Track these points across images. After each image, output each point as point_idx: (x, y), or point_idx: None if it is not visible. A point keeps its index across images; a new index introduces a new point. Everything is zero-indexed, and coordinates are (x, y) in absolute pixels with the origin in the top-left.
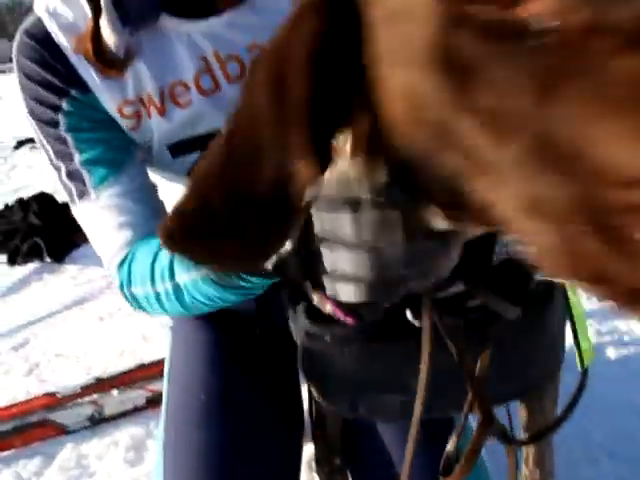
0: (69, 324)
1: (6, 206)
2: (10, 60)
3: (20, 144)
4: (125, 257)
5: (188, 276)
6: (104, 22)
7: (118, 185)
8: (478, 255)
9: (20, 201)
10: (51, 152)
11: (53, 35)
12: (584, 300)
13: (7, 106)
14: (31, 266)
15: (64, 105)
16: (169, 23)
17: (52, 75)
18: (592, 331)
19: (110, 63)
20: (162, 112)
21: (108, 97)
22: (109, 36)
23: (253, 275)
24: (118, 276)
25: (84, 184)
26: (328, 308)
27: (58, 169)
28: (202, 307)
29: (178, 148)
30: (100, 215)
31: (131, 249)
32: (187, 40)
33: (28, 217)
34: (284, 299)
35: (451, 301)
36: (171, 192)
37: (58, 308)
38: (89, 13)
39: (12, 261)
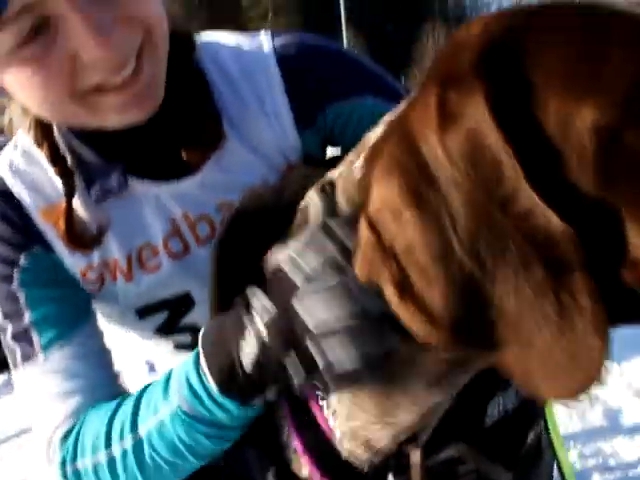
0: None
1: None
2: None
3: None
4: (72, 427)
5: (155, 419)
6: (76, 199)
7: (70, 347)
8: (471, 418)
9: None
10: None
11: (16, 192)
12: (567, 421)
13: None
14: (1, 378)
15: (22, 260)
16: (137, 186)
17: (13, 229)
18: (575, 455)
19: (82, 243)
20: (129, 278)
21: (71, 261)
22: (81, 212)
23: (234, 401)
24: (60, 451)
25: (32, 345)
26: (305, 473)
27: (4, 330)
28: (164, 470)
29: (146, 310)
30: (46, 380)
31: (79, 418)
32: (155, 203)
33: None
34: (251, 460)
35: (441, 467)
36: (133, 350)
37: (27, 426)
38: (54, 177)
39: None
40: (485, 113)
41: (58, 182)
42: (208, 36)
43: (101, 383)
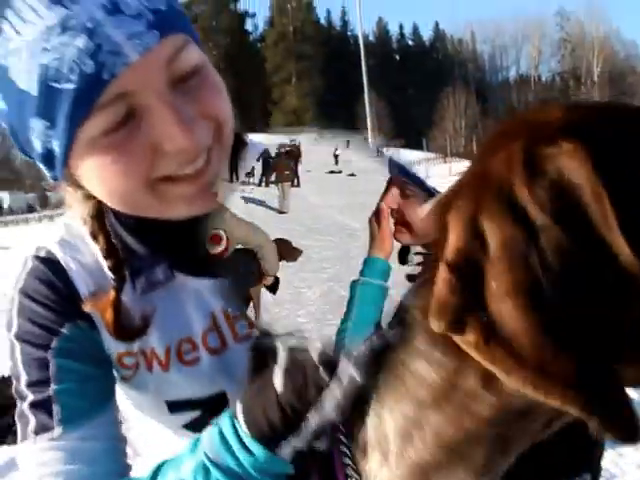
0: None
1: (2, 378)
2: (24, 211)
3: None
4: None
5: (175, 474)
6: (125, 289)
7: (90, 427)
8: None
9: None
10: (23, 379)
11: (65, 265)
12: None
13: (14, 257)
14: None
15: (65, 329)
16: (180, 279)
17: (59, 298)
18: None
19: (127, 335)
20: (166, 368)
21: (111, 344)
22: (126, 302)
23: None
24: None
25: (50, 417)
26: None
27: (23, 398)
28: None
29: (178, 405)
30: (55, 456)
31: None
32: (195, 296)
33: None
34: None
35: None
36: (159, 440)
37: None
38: (103, 263)
39: (1, 442)
40: (585, 167)
41: (106, 269)
42: (254, 136)
43: (112, 471)
